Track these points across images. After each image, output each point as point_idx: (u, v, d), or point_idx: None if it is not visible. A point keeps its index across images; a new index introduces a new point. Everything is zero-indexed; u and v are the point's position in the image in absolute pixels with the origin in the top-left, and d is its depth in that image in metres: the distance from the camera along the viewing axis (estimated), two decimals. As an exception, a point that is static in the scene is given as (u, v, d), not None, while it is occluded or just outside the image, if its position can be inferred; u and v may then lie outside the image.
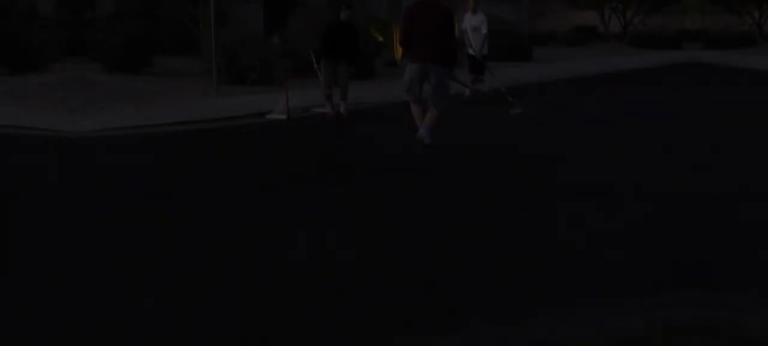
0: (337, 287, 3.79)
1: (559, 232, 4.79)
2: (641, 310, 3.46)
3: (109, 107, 11.14)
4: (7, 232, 4.85)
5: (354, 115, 11.05)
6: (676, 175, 6.54)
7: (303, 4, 21.78)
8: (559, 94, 15.23)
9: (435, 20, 7.31)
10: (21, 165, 7.33)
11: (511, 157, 7.66)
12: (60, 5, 18.80)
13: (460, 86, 11.60)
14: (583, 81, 18.01)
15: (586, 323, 3.32)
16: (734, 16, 36.99)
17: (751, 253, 4.33)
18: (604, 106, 12.57)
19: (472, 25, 13.26)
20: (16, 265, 4.19)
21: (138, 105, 11.58)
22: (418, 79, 7.53)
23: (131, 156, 7.95)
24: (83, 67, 15.14)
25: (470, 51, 13.30)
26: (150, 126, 9.69)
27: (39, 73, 14.25)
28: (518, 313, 3.44)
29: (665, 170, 6.77)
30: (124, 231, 4.85)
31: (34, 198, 5.82)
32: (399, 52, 22.14)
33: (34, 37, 14.91)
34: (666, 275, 3.95)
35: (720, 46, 30.84)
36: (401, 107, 11.41)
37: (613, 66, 22.56)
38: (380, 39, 23.80)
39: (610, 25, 44.22)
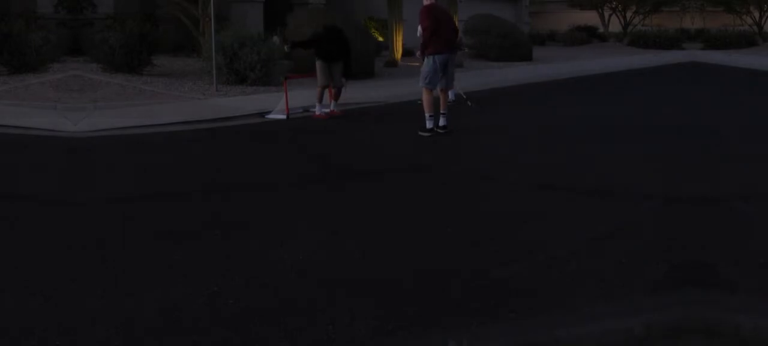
0: (337, 286, 3.80)
1: (557, 232, 4.79)
2: (641, 310, 3.46)
3: (109, 107, 11.14)
4: (7, 233, 4.84)
5: (354, 114, 11.05)
6: (676, 175, 6.54)
7: (303, 3, 21.81)
8: (558, 94, 15.24)
9: (450, 22, 9.08)
10: (21, 165, 7.33)
11: (510, 155, 7.69)
12: (59, 5, 18.83)
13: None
14: (582, 81, 18.02)
15: (586, 323, 3.32)
16: (734, 16, 37.07)
17: (750, 253, 4.33)
18: (603, 106, 12.58)
19: None
20: (16, 265, 4.19)
21: (138, 105, 11.58)
22: (442, 68, 8.94)
23: (131, 156, 7.94)
24: (83, 67, 15.14)
25: None
26: (150, 126, 9.69)
27: (39, 74, 14.23)
28: (518, 313, 3.44)
29: (665, 170, 6.77)
30: (124, 231, 4.85)
31: (34, 198, 5.82)
32: (399, 52, 22.22)
33: (34, 37, 14.89)
34: (666, 275, 3.95)
35: (720, 46, 30.93)
36: (401, 107, 11.45)
37: (612, 66, 22.57)
38: (380, 39, 23.83)
39: (610, 25, 44.29)
